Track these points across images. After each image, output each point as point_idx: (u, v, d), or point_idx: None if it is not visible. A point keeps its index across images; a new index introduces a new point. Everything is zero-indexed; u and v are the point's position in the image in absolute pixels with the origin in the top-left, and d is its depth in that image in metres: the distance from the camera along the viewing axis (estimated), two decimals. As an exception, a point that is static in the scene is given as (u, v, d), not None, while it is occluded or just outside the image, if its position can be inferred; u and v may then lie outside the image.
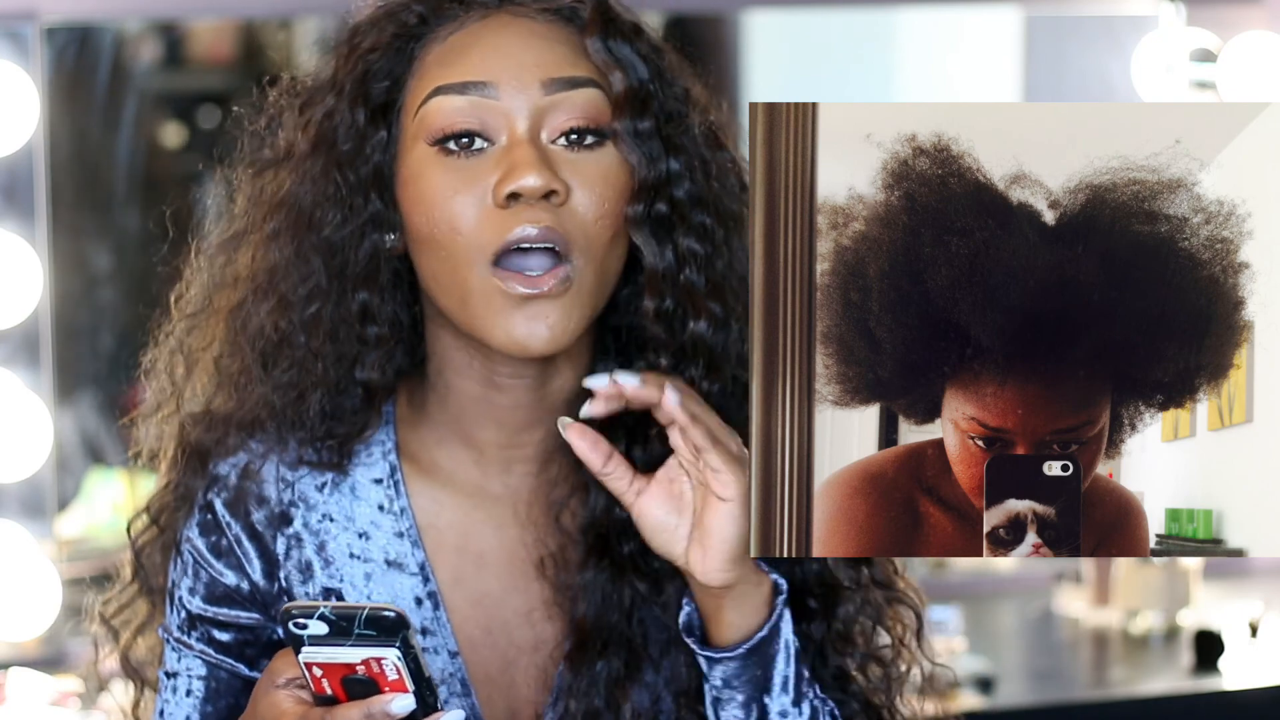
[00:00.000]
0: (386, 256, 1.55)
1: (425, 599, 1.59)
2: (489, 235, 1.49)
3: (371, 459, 1.61)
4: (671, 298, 1.55)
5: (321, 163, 1.55)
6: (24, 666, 2.96)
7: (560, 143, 1.51)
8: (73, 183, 3.17)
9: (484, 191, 1.49)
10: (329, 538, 1.59)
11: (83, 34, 3.19)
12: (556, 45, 1.52)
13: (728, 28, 3.49)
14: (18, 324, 3.07)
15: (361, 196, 1.54)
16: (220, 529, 1.59)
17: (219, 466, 1.60)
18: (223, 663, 1.61)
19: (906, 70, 3.62)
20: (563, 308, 1.50)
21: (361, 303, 1.55)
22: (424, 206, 1.51)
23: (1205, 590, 3.45)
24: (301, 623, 1.40)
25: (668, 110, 1.56)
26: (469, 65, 1.51)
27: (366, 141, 1.54)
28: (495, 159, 1.50)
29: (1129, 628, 3.37)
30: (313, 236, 1.55)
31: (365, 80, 1.54)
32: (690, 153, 1.56)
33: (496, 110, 1.50)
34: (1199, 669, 3.17)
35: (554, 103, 1.50)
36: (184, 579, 1.61)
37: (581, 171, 1.50)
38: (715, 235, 1.57)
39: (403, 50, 1.54)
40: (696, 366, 1.57)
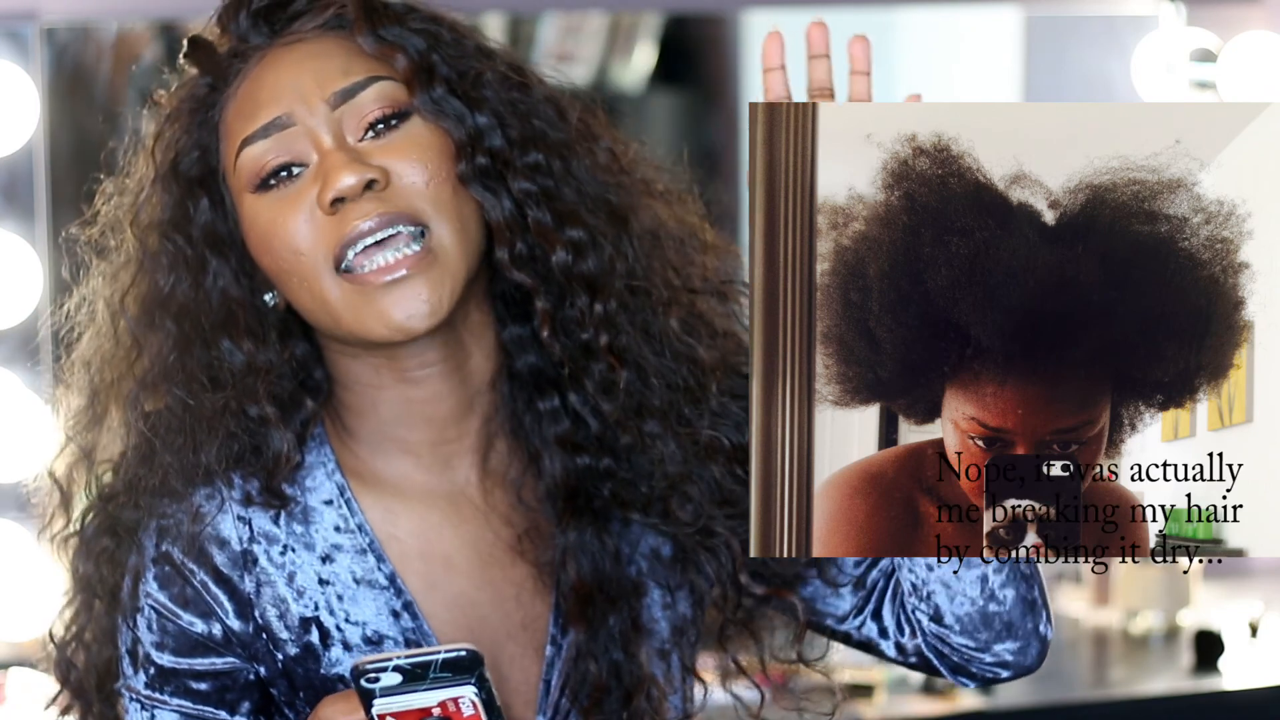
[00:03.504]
0: (240, 302, 1.58)
1: (402, 610, 1.59)
2: (326, 242, 1.53)
3: (316, 482, 1.61)
4: (523, 241, 1.57)
5: (153, 240, 1.59)
6: (24, 666, 2.96)
7: (368, 137, 1.54)
8: (73, 183, 3.17)
9: (309, 206, 1.53)
10: (296, 568, 1.59)
11: (83, 34, 3.19)
12: (331, 58, 1.56)
13: (728, 28, 3.49)
14: (18, 324, 3.07)
15: (197, 255, 1.58)
16: (183, 578, 1.58)
17: (167, 518, 1.59)
18: (203, 713, 1.59)
19: (906, 70, 3.62)
20: (430, 281, 1.52)
21: (226, 348, 1.58)
22: (264, 244, 1.55)
23: (1205, 590, 3.45)
24: (374, 677, 1.40)
25: (458, 70, 1.59)
26: (261, 108, 1.55)
27: (188, 208, 1.58)
28: (312, 176, 1.54)
29: (1129, 628, 3.37)
30: (161, 305, 1.59)
31: (176, 161, 1.59)
32: (495, 101, 1.59)
33: (299, 136, 1.54)
34: (1199, 669, 3.17)
35: (346, 110, 1.55)
36: (148, 634, 1.58)
37: (394, 150, 1.54)
38: (551, 167, 1.59)
39: (205, 121, 1.59)
40: (577, 296, 1.58)
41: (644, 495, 1.61)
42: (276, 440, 1.58)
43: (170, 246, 1.58)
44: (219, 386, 1.58)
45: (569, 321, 1.59)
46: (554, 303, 1.58)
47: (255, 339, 1.58)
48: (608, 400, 1.59)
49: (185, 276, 1.59)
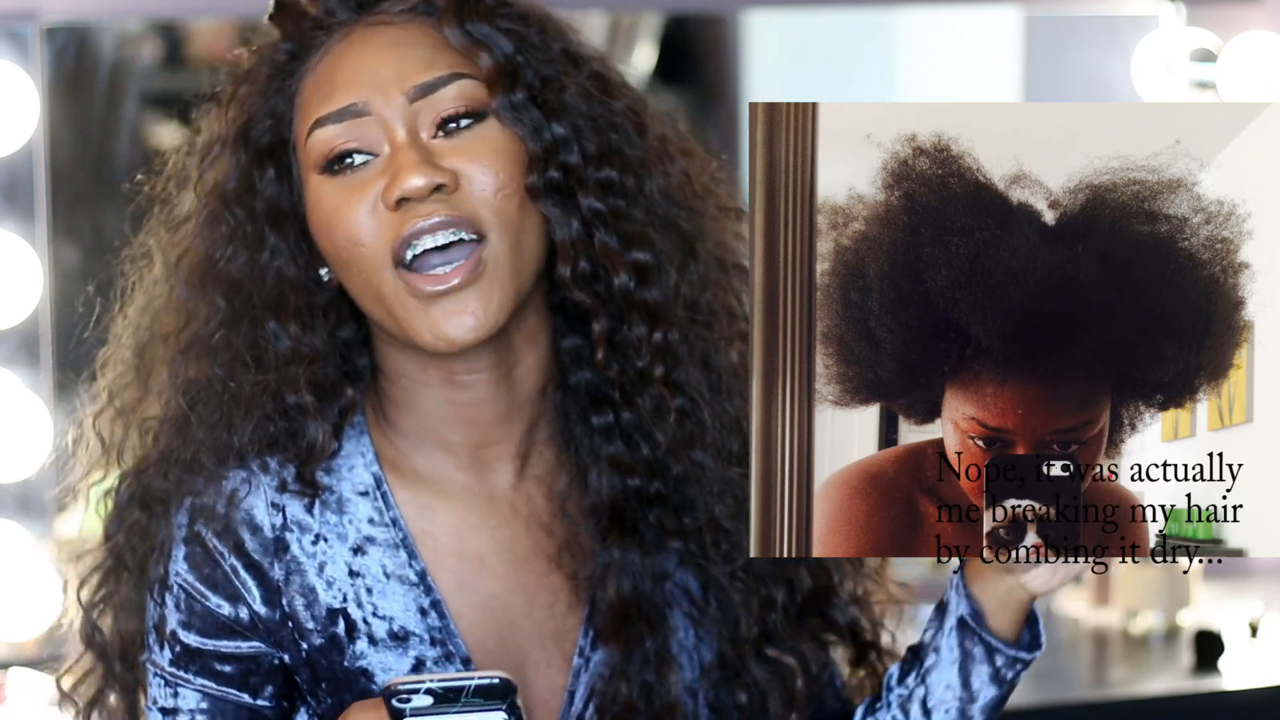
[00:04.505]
0: (294, 284, 1.58)
1: (430, 608, 1.58)
2: (388, 237, 1.51)
3: (354, 472, 1.60)
4: (586, 260, 1.56)
5: (214, 207, 1.58)
6: (24, 666, 2.96)
7: (440, 135, 1.53)
8: (73, 183, 3.17)
9: (374, 199, 1.52)
10: (327, 559, 1.58)
11: (83, 34, 3.18)
12: (416, 49, 1.55)
13: (728, 28, 3.49)
14: (18, 324, 3.06)
15: (256, 230, 1.57)
16: (213, 560, 1.58)
17: (202, 497, 1.58)
18: (227, 694, 1.59)
19: (906, 70, 3.62)
20: (480, 294, 1.51)
21: (272, 330, 1.57)
22: (326, 229, 1.54)
23: (1205, 590, 3.45)
24: (405, 698, 1.40)
25: (542, 76, 1.57)
26: (338, 92, 1.54)
27: (253, 179, 1.57)
28: (381, 168, 1.53)
29: (1129, 628, 3.37)
30: (215, 275, 1.58)
31: (248, 126, 1.58)
32: (575, 112, 1.57)
33: (372, 125, 1.53)
34: (1199, 669, 3.16)
35: (423, 105, 1.53)
36: (175, 614, 1.58)
37: (467, 152, 1.53)
38: (624, 186, 1.58)
39: (281, 89, 1.58)
40: (636, 322, 1.58)
41: (686, 526, 1.61)
42: (312, 430, 1.58)
43: (231, 219, 1.58)
44: (262, 368, 1.57)
45: (626, 345, 1.58)
46: (612, 325, 1.58)
47: (303, 323, 1.58)
48: (660, 427, 1.59)
49: (242, 251, 1.58)
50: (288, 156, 1.58)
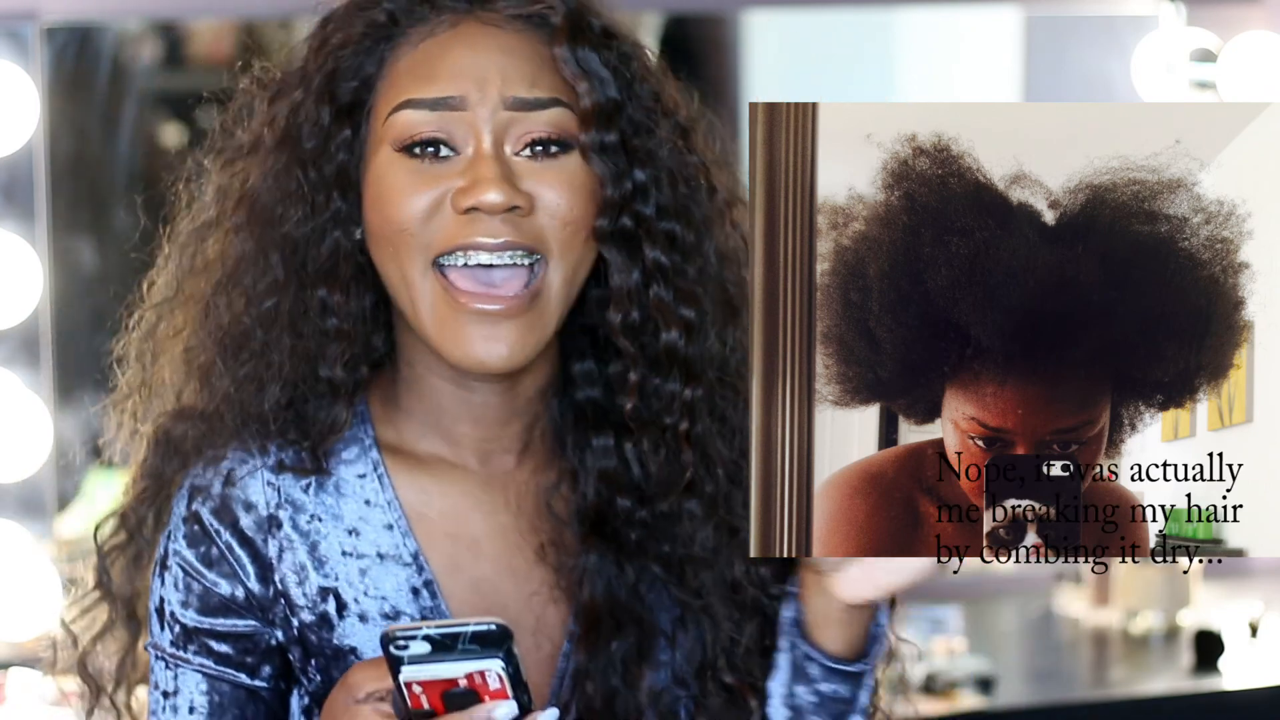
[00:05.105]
0: (348, 254, 1.57)
1: (422, 588, 1.59)
2: (440, 237, 1.51)
3: (352, 455, 1.61)
4: (639, 310, 1.57)
5: (285, 159, 1.57)
6: (24, 666, 2.96)
7: (525, 154, 1.53)
8: (73, 183, 3.17)
9: (444, 195, 1.52)
10: (320, 538, 1.59)
11: (83, 34, 3.19)
12: (524, 61, 1.54)
13: (728, 28, 3.49)
14: (18, 324, 3.07)
15: (324, 195, 1.56)
16: (210, 538, 1.58)
17: (200, 477, 1.59)
18: (224, 674, 1.60)
19: (906, 70, 3.62)
20: (523, 326, 1.52)
21: (321, 299, 1.57)
22: (382, 204, 1.53)
23: (1205, 590, 3.46)
24: (403, 644, 1.40)
25: (635, 122, 1.57)
26: (438, 81, 1.53)
27: (331, 140, 1.56)
28: (460, 168, 1.52)
29: (1129, 628, 3.37)
30: (274, 232, 1.57)
31: (334, 78, 1.56)
32: (658, 162, 1.57)
33: (463, 122, 1.52)
34: (1199, 669, 3.17)
35: (517, 119, 1.52)
36: (174, 593, 1.59)
37: (546, 179, 1.52)
38: (685, 242, 1.58)
39: (373, 50, 1.56)
40: (672, 376, 1.58)
41: (666, 554, 1.61)
42: (336, 406, 1.58)
43: (303, 177, 1.56)
44: (301, 335, 1.57)
45: (652, 396, 1.58)
46: (645, 376, 1.58)
47: (348, 295, 1.57)
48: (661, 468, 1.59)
49: (307, 214, 1.56)
50: (361, 119, 1.56)
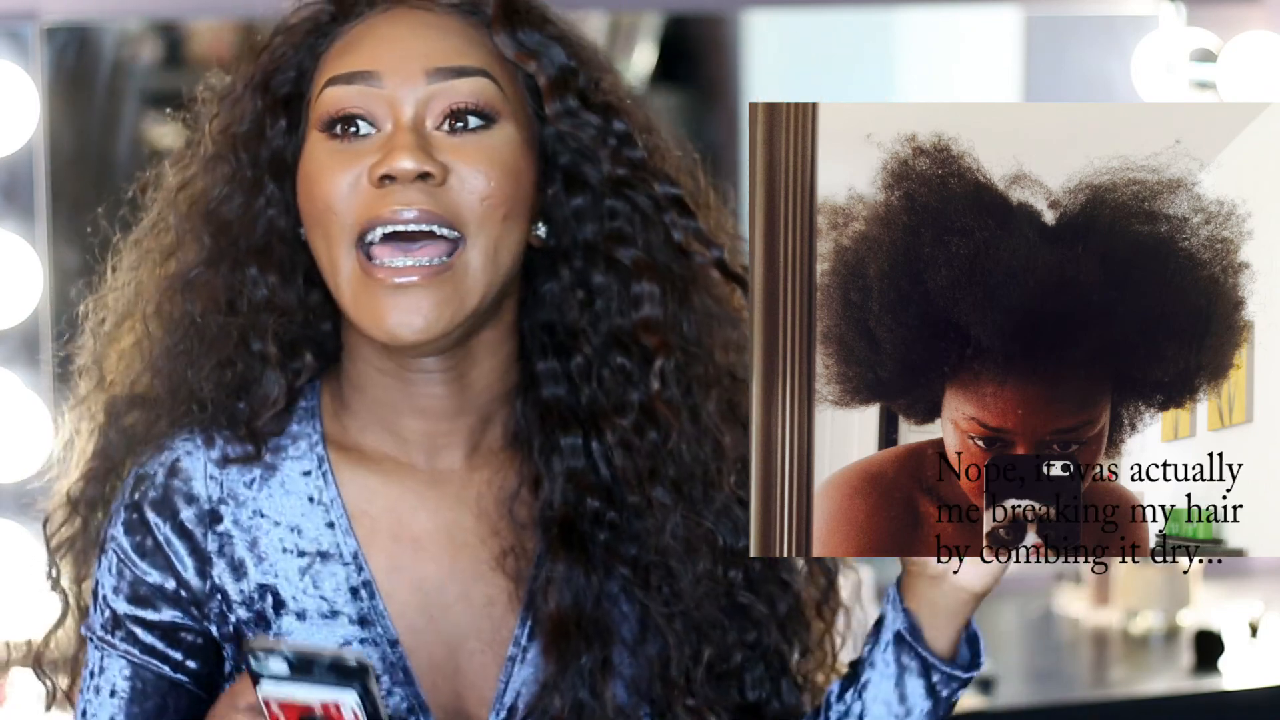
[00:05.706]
0: (281, 234, 1.59)
1: (361, 588, 1.59)
2: (359, 212, 1.52)
3: (299, 452, 1.61)
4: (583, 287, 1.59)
5: (223, 147, 1.60)
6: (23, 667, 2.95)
7: (444, 128, 1.54)
8: (73, 183, 3.17)
9: (361, 172, 1.53)
10: (261, 534, 1.59)
11: (83, 34, 3.18)
12: (448, 36, 1.56)
13: (728, 28, 3.49)
14: (18, 324, 3.06)
15: (257, 178, 1.59)
16: (147, 528, 1.59)
17: (145, 466, 1.60)
18: (148, 663, 1.60)
19: (906, 70, 3.62)
20: (437, 297, 1.52)
21: (252, 276, 1.59)
22: (307, 185, 1.55)
23: (1205, 590, 3.45)
24: (261, 659, 1.39)
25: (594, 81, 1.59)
26: (359, 56, 1.55)
27: (266, 128, 1.59)
28: (378, 144, 1.53)
29: (1129, 628, 3.37)
30: (208, 213, 1.60)
31: (272, 72, 1.59)
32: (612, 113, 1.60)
33: (381, 98, 1.54)
34: (1199, 669, 3.16)
35: (437, 91, 1.54)
36: (108, 578, 1.60)
37: (463, 153, 1.53)
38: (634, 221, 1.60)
39: (312, 47, 1.59)
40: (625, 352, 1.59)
41: (633, 557, 1.61)
42: (269, 380, 1.59)
43: (235, 161, 1.59)
44: (233, 311, 1.59)
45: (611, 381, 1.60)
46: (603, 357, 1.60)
47: (282, 276, 1.59)
48: (624, 455, 1.59)
49: (238, 195, 1.59)
50: (301, 112, 1.59)
